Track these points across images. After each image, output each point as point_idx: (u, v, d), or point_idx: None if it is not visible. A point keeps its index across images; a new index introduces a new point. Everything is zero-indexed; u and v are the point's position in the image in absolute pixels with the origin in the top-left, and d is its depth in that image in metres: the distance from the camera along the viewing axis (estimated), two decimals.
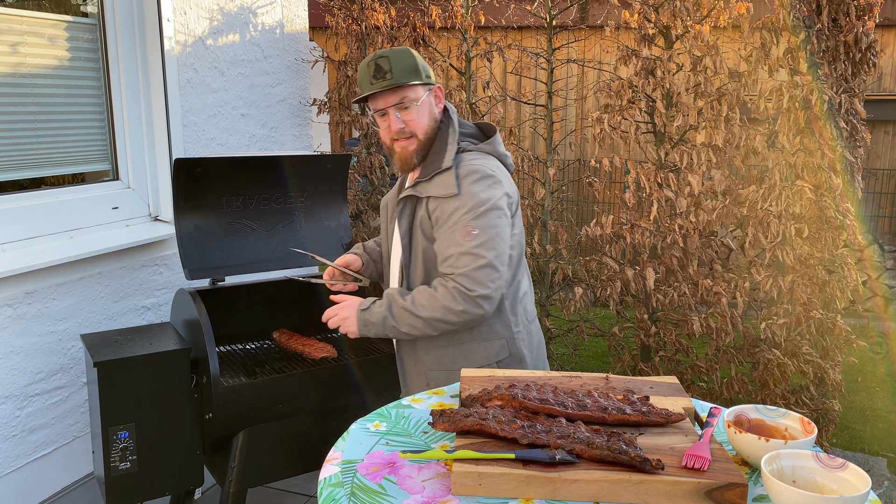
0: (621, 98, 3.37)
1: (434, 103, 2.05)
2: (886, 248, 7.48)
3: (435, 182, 1.98)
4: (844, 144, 3.08)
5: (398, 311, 1.95)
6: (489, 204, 1.93)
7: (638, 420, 1.40)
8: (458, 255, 1.90)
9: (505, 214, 1.96)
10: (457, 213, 1.92)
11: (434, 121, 2.05)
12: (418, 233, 2.02)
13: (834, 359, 3.31)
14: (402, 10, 4.28)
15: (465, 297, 1.88)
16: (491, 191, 1.95)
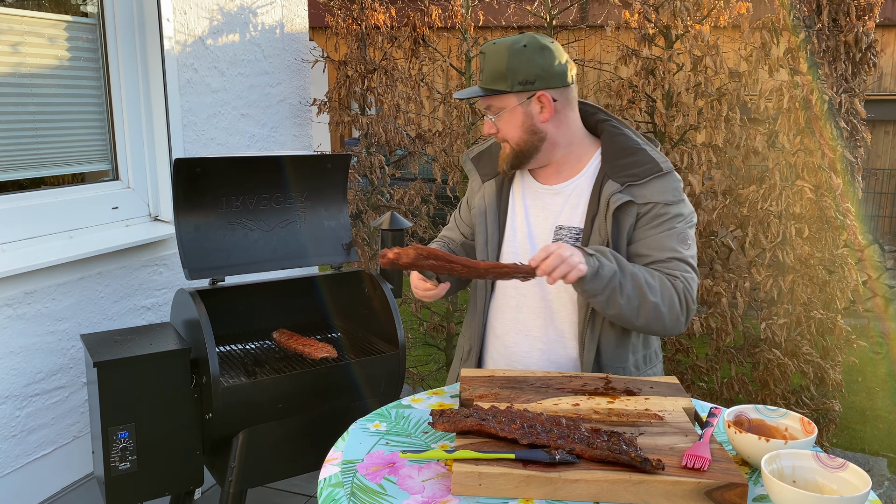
0: (621, 98, 3.37)
1: (535, 113, 1.77)
2: (886, 248, 7.48)
3: (654, 187, 1.76)
4: (844, 144, 3.08)
5: (627, 275, 1.66)
6: (692, 221, 1.82)
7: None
8: (678, 260, 1.74)
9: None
10: (677, 219, 1.76)
11: (530, 133, 1.78)
12: (624, 243, 1.78)
13: (834, 359, 3.31)
14: (402, 10, 4.28)
15: (686, 305, 1.72)
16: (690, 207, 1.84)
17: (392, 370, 2.68)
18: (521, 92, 1.75)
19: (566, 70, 1.78)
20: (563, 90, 1.78)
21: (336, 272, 2.92)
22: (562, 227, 1.83)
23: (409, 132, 4.26)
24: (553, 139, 1.81)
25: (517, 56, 1.72)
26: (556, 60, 1.75)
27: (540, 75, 1.74)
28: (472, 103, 4.08)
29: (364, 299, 2.85)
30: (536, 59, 1.73)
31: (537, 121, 1.78)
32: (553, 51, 1.76)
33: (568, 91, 1.79)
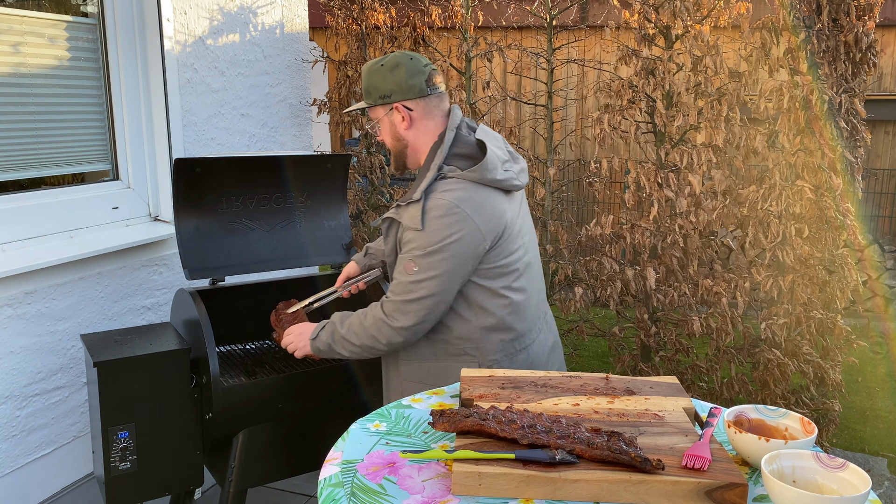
0: (621, 98, 3.37)
1: (398, 122, 2.01)
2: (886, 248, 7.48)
3: (408, 211, 1.93)
4: (844, 144, 3.08)
5: (338, 339, 2.03)
6: (439, 245, 1.87)
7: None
8: (396, 283, 1.93)
9: (454, 257, 1.88)
10: (409, 244, 1.91)
11: (396, 139, 2.04)
12: (394, 252, 2.02)
13: (834, 359, 3.31)
14: (402, 10, 4.28)
15: (387, 325, 1.93)
16: (447, 230, 1.86)
17: None
18: (383, 105, 2.01)
19: (420, 83, 1.98)
20: (419, 101, 2.00)
21: (336, 272, 2.92)
22: None
23: None
24: (414, 146, 2.04)
25: (374, 75, 2.00)
26: (408, 76, 1.98)
27: (394, 89, 1.98)
28: (471, 103, 4.09)
29: (364, 299, 2.85)
30: (390, 76, 1.98)
31: (400, 129, 2.03)
32: (407, 67, 1.98)
33: (424, 101, 2.00)
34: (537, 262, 2.15)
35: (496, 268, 1.96)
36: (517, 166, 2.05)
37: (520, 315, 2.03)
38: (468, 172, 1.91)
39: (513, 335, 2.02)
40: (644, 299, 3.44)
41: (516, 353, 2.04)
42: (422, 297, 1.90)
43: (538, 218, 4.07)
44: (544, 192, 4.05)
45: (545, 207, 4.05)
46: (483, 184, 1.92)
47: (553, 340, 2.21)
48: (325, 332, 2.07)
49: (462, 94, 4.08)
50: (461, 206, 1.87)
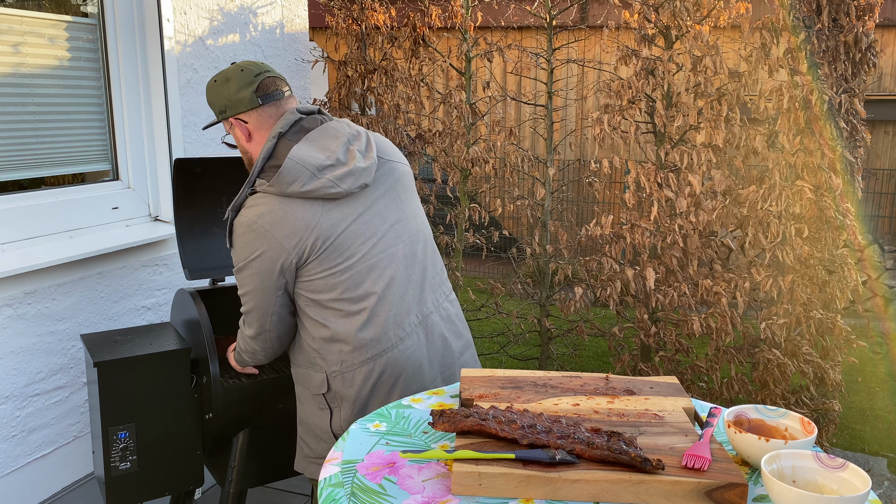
0: (621, 98, 3.37)
1: (240, 136, 2.00)
2: (886, 248, 7.48)
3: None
4: (844, 144, 3.08)
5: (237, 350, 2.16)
6: (244, 262, 1.90)
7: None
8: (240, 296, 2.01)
9: (260, 273, 1.87)
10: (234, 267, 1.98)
11: (245, 153, 2.03)
12: None
13: (834, 359, 3.31)
14: (402, 10, 4.28)
15: (243, 335, 2.07)
16: (248, 248, 1.86)
17: None
18: (224, 120, 2.00)
19: (249, 94, 1.94)
20: (251, 113, 1.96)
21: None
22: None
23: (409, 132, 4.26)
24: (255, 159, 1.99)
25: (210, 91, 2.00)
26: (237, 88, 1.94)
27: (227, 104, 1.97)
28: (471, 103, 4.09)
29: None
30: (221, 91, 1.97)
31: (243, 143, 2.01)
32: (237, 80, 1.94)
33: (257, 112, 1.96)
34: (402, 265, 1.99)
35: (319, 279, 1.88)
36: (341, 171, 1.88)
37: (363, 326, 1.91)
38: (269, 186, 1.85)
39: (351, 346, 1.92)
40: (644, 299, 3.44)
41: (359, 364, 1.93)
42: (248, 310, 1.97)
43: (538, 218, 4.07)
44: (544, 192, 4.05)
45: (545, 207, 4.05)
46: (287, 196, 1.84)
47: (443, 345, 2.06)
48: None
49: (462, 94, 4.08)
50: (259, 223, 1.83)
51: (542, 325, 4.09)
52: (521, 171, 4.00)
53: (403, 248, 2.00)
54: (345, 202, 1.90)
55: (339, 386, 1.96)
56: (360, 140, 1.97)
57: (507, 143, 3.98)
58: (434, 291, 2.07)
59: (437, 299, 2.08)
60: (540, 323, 4.12)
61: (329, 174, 1.86)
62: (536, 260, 4.08)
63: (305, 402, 2.06)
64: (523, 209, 4.10)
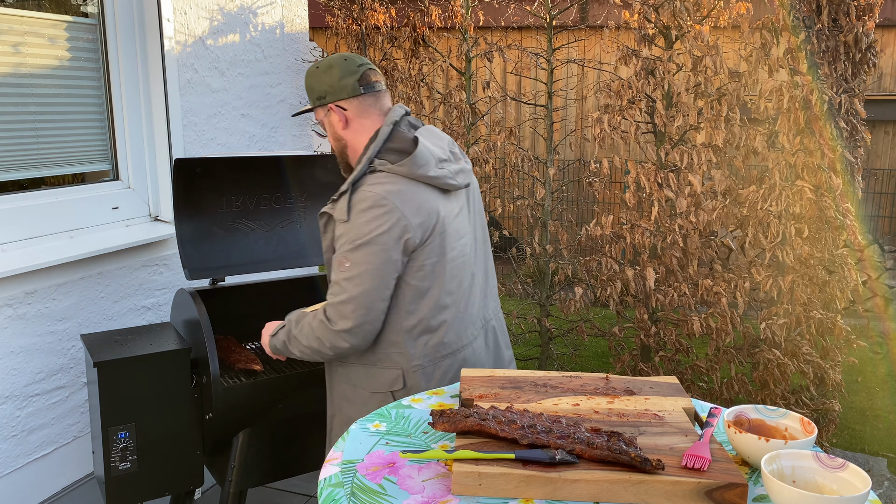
0: (621, 98, 3.37)
1: (335, 122, 2.02)
2: (886, 248, 7.48)
3: (339, 203, 1.92)
4: (844, 144, 3.08)
5: (292, 339, 2.01)
6: (367, 238, 1.84)
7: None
8: (332, 284, 1.90)
9: (385, 250, 1.84)
10: (341, 240, 1.88)
11: (338, 140, 2.05)
12: (332, 249, 1.99)
13: (834, 359, 3.31)
14: (402, 10, 4.28)
15: (327, 329, 1.89)
16: (375, 222, 1.84)
17: None
18: (321, 106, 2.04)
19: (353, 83, 1.99)
20: (353, 100, 2.00)
21: None
22: None
23: None
24: (353, 145, 2.03)
25: (311, 77, 2.04)
26: (341, 76, 1.99)
27: (328, 91, 2.01)
28: (471, 103, 4.08)
29: None
30: (324, 77, 2.01)
31: (337, 129, 2.04)
32: (340, 68, 2.00)
33: (358, 101, 2.01)
34: (478, 268, 2.08)
35: (428, 265, 1.91)
36: (455, 166, 2.00)
37: (452, 320, 1.97)
38: (397, 167, 1.89)
39: (437, 340, 1.95)
40: (644, 299, 3.44)
41: (442, 358, 1.97)
42: (357, 294, 1.85)
43: (538, 218, 4.07)
44: (544, 192, 4.05)
45: (545, 207, 4.05)
46: (414, 179, 1.90)
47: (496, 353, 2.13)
48: (283, 330, 2.05)
49: (462, 94, 4.08)
50: (388, 198, 1.85)
51: (542, 325, 4.09)
52: (521, 171, 4.00)
53: (480, 252, 2.11)
54: (452, 196, 2.01)
55: (416, 381, 1.94)
56: (454, 143, 2.11)
57: (507, 143, 3.98)
58: (494, 299, 2.19)
59: (494, 307, 2.19)
60: (540, 323, 4.12)
61: (447, 167, 1.97)
62: (536, 260, 4.08)
63: (356, 402, 2.00)
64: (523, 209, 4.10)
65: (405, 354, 1.94)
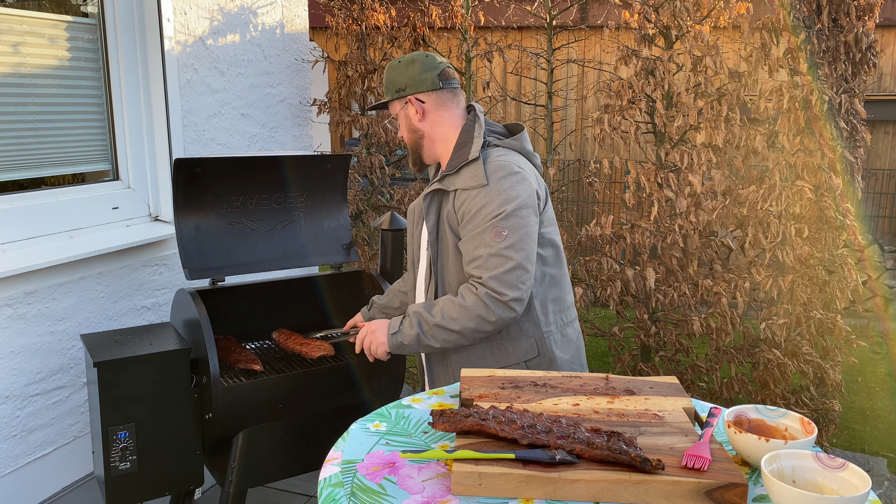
0: (621, 98, 3.37)
1: (412, 115, 2.07)
2: (886, 248, 7.48)
3: (462, 174, 1.95)
4: (844, 144, 3.08)
5: (430, 328, 1.92)
6: (518, 202, 1.89)
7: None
8: (488, 256, 1.86)
9: (532, 213, 1.93)
10: (485, 210, 1.88)
11: (412, 132, 2.09)
12: (445, 227, 1.99)
13: (834, 359, 3.31)
14: (402, 10, 4.28)
15: (496, 302, 1.85)
16: (519, 187, 1.91)
17: (392, 370, 2.68)
18: (399, 98, 2.09)
19: (433, 77, 2.07)
20: (431, 94, 2.07)
21: (336, 272, 2.92)
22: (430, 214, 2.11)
23: None
24: (430, 136, 2.09)
25: (392, 70, 2.10)
26: (422, 70, 2.07)
27: (408, 83, 2.07)
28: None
29: (364, 299, 2.85)
30: (405, 71, 2.07)
31: (414, 121, 2.09)
32: (422, 63, 2.07)
33: (437, 94, 2.08)
34: None
35: (543, 233, 2.01)
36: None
37: (563, 286, 2.08)
38: (511, 141, 2.04)
39: (562, 305, 2.06)
40: (644, 299, 3.44)
41: (566, 324, 2.07)
42: (521, 261, 1.87)
43: None
44: None
45: None
46: (523, 153, 2.06)
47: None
48: (407, 324, 1.96)
49: (462, 94, 4.08)
50: (517, 168, 1.96)
51: None
52: None
53: None
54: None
55: (551, 347, 2.01)
56: None
57: None
58: None
59: None
60: None
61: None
62: None
63: None
64: None
65: (536, 322, 1.99)
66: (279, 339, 2.76)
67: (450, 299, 1.92)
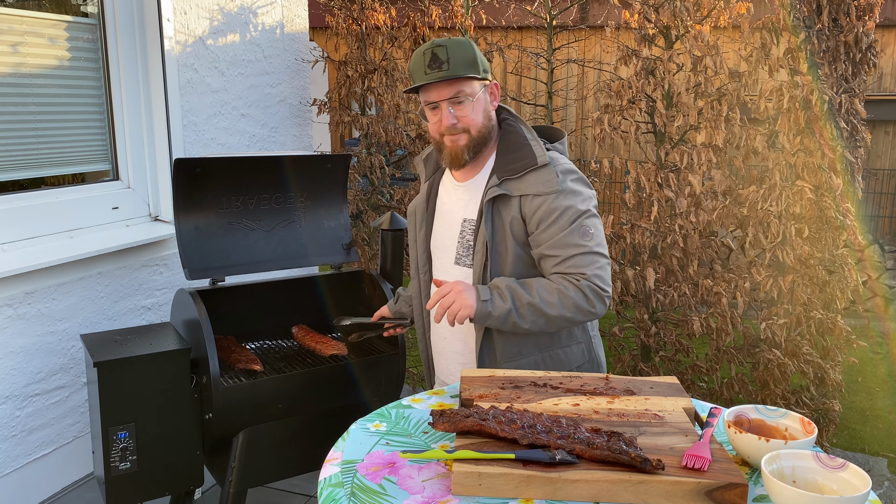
0: (621, 98, 3.37)
1: (489, 100, 1.93)
2: (886, 248, 7.48)
3: (529, 180, 1.86)
4: (844, 144, 3.08)
5: (523, 306, 1.81)
6: (593, 202, 1.90)
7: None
8: (583, 255, 1.82)
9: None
10: (569, 212, 1.83)
11: (488, 119, 1.92)
12: (507, 235, 1.88)
13: (834, 359, 3.31)
14: (402, 10, 4.28)
15: (597, 295, 1.81)
16: (589, 189, 1.91)
17: (392, 370, 2.68)
18: (483, 79, 1.90)
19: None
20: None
21: (336, 272, 2.92)
22: (465, 220, 1.98)
23: (409, 132, 4.26)
24: (490, 126, 1.95)
25: (477, 49, 1.91)
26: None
27: (487, 68, 1.93)
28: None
29: (364, 299, 2.85)
30: (481, 56, 1.92)
31: (490, 109, 1.94)
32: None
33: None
34: None
35: None
36: None
37: None
38: (559, 145, 1.99)
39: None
40: (644, 299, 3.44)
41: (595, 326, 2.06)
42: (608, 258, 1.87)
43: None
44: None
45: None
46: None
47: None
48: (498, 297, 1.81)
49: None
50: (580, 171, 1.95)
51: None
52: None
53: None
54: None
55: (597, 351, 2.01)
56: None
57: None
58: None
59: None
60: None
61: None
62: None
63: None
64: None
65: (584, 326, 1.98)
66: (297, 334, 2.79)
67: (546, 282, 1.83)
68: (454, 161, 1.93)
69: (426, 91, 1.88)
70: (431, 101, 1.89)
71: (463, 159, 1.92)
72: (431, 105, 1.90)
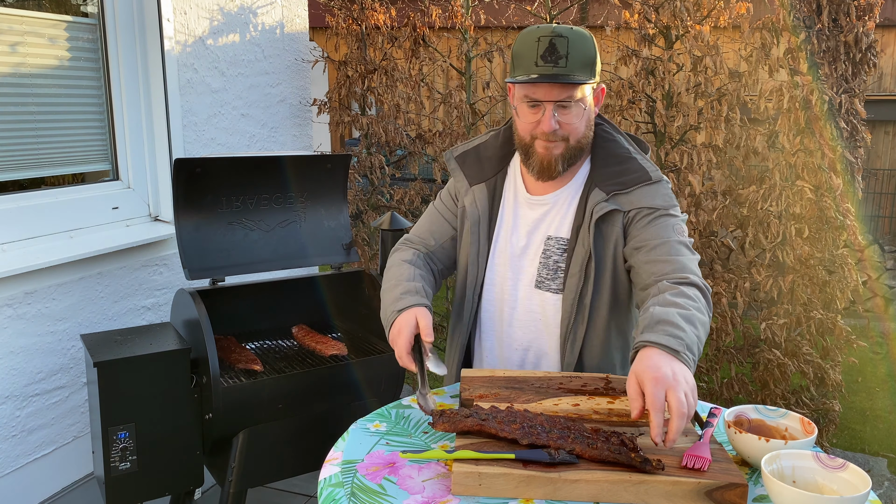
0: (621, 98, 3.37)
1: (593, 103, 1.71)
2: (886, 248, 7.48)
3: (641, 193, 1.68)
4: (844, 144, 3.08)
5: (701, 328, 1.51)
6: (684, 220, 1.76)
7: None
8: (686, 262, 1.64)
9: None
10: (678, 226, 1.68)
11: (589, 127, 1.71)
12: (610, 256, 1.70)
13: (834, 359, 3.31)
14: (402, 10, 4.28)
15: (706, 294, 1.60)
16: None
17: (392, 370, 2.68)
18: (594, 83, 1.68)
19: None
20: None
21: (336, 272, 2.92)
22: (550, 238, 1.76)
23: (409, 132, 4.26)
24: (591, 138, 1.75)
25: (589, 43, 1.64)
26: None
27: (600, 67, 1.69)
28: (471, 103, 4.08)
29: (364, 299, 2.85)
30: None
31: (593, 116, 1.73)
32: None
33: None
34: None
35: None
36: None
37: None
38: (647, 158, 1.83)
39: None
40: None
41: None
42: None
43: None
44: None
45: None
46: None
47: None
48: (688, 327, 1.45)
49: (462, 94, 4.08)
50: None
51: None
52: None
53: None
54: None
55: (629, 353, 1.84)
56: None
57: None
58: None
59: None
60: None
61: None
62: None
63: None
64: None
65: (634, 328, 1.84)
66: (297, 334, 2.78)
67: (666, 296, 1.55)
68: (544, 171, 1.70)
69: (531, 85, 1.62)
70: (534, 99, 1.63)
71: (556, 170, 1.70)
72: (531, 102, 1.64)
